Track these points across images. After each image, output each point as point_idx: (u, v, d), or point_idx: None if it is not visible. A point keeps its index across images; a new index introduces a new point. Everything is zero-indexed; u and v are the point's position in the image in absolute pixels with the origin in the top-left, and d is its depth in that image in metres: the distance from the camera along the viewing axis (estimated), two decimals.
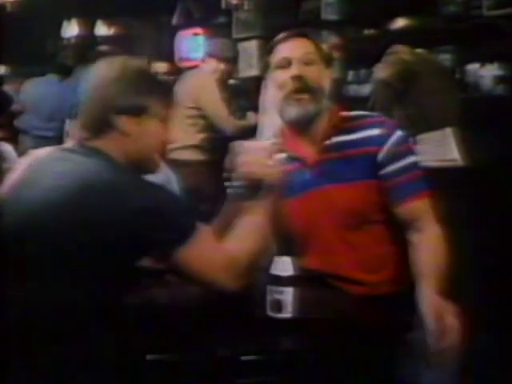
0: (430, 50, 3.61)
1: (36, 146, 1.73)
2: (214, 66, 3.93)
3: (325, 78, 1.71)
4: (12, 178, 1.53)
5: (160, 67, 4.58)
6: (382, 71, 2.85)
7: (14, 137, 4.22)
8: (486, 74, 3.33)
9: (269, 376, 1.24)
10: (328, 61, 1.75)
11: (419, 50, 3.04)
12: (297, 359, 1.24)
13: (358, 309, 1.47)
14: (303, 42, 1.71)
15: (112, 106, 1.38)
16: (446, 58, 3.55)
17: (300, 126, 1.71)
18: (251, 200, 1.48)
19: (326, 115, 1.71)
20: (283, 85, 1.68)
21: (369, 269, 1.65)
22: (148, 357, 1.17)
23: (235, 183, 1.55)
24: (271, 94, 1.74)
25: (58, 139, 3.78)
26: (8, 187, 1.45)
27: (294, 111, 1.68)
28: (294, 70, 1.66)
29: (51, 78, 4.60)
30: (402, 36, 3.99)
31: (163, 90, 1.46)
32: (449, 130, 2.64)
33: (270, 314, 1.38)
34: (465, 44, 3.47)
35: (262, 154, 1.50)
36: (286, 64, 1.68)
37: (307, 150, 1.71)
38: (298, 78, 1.65)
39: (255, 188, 1.49)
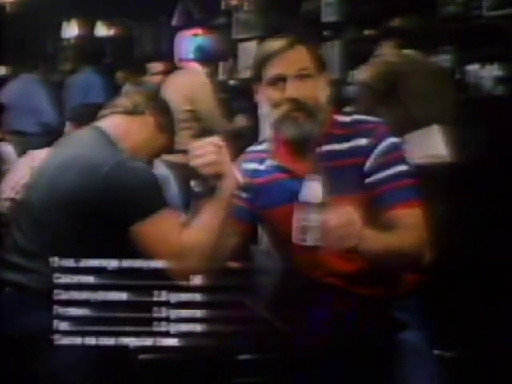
0: (430, 50, 3.60)
1: (28, 145, 1.75)
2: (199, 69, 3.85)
3: (321, 88, 1.62)
4: (11, 177, 1.55)
5: (155, 67, 4.54)
6: (363, 73, 2.81)
7: (14, 138, 4.21)
8: (486, 74, 3.32)
9: (266, 376, 1.23)
10: (324, 65, 1.65)
11: (410, 51, 2.98)
12: (293, 359, 1.23)
13: (354, 311, 1.45)
14: (298, 53, 1.59)
15: None
16: (445, 59, 3.54)
17: (297, 144, 1.64)
18: (208, 199, 1.51)
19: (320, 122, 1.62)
20: (277, 104, 1.59)
21: (362, 280, 1.59)
22: (141, 357, 1.16)
23: (194, 183, 1.56)
24: (264, 109, 1.65)
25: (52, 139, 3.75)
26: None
27: (290, 131, 1.60)
28: (289, 91, 1.56)
29: (26, 77, 4.64)
30: (401, 36, 3.98)
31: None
32: (436, 127, 2.59)
33: (296, 241, 1.35)
34: (465, 45, 3.45)
35: (206, 149, 1.49)
36: (280, 81, 1.58)
37: (297, 160, 1.64)
38: (293, 100, 1.57)
39: (209, 186, 1.51)
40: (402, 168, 1.58)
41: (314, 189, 1.36)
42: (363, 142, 1.59)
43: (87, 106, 3.23)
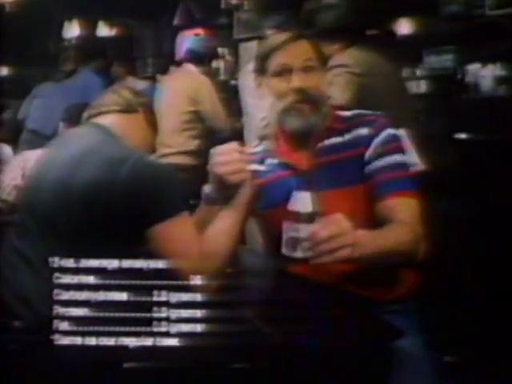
0: (432, 50, 3.60)
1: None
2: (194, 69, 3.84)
3: (325, 82, 1.65)
4: (3, 178, 1.54)
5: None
6: None
7: (13, 138, 4.21)
8: (487, 74, 3.31)
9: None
10: (326, 60, 1.69)
11: (357, 53, 2.60)
12: (285, 367, 1.22)
13: (346, 316, 1.43)
14: (302, 46, 1.62)
15: None
16: (447, 59, 3.54)
17: (301, 136, 1.64)
18: (223, 204, 1.49)
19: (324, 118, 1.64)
20: (283, 95, 1.60)
21: (359, 279, 1.58)
22: (125, 365, 1.14)
23: (208, 187, 1.53)
24: (267, 102, 1.64)
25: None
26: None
27: (295, 122, 1.61)
28: (294, 82, 1.58)
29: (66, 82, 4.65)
30: (403, 36, 3.98)
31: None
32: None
33: (285, 252, 1.35)
34: (467, 44, 3.45)
35: (231, 156, 1.47)
36: (286, 72, 1.59)
37: (299, 156, 1.64)
38: (299, 90, 1.58)
39: (227, 192, 1.49)
40: (400, 158, 1.60)
41: (304, 199, 1.35)
42: (364, 131, 1.61)
43: (82, 107, 3.21)
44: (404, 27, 4.01)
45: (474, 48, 3.40)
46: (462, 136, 2.86)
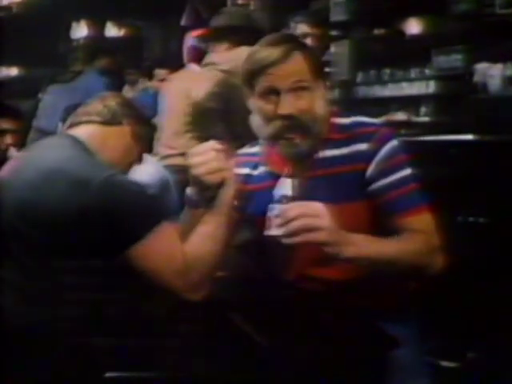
0: (441, 49, 3.57)
1: None
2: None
3: (319, 98, 1.50)
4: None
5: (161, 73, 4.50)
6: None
7: (23, 143, 4.22)
8: (496, 73, 3.27)
9: None
10: (322, 71, 1.55)
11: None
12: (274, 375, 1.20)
13: (343, 327, 1.39)
14: (294, 63, 1.46)
15: None
16: (457, 58, 3.51)
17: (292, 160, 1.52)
18: (206, 206, 1.43)
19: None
20: (271, 119, 1.47)
21: (358, 288, 1.51)
22: (108, 374, 1.11)
23: (190, 190, 1.48)
24: (256, 121, 1.52)
25: None
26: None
27: (284, 150, 1.50)
28: (282, 107, 1.44)
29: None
30: (412, 36, 3.95)
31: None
32: None
33: (266, 232, 1.35)
34: (476, 43, 3.41)
35: (208, 156, 1.41)
36: (273, 94, 1.46)
37: (292, 166, 1.49)
38: (287, 117, 1.45)
39: (208, 193, 1.44)
40: (407, 172, 1.51)
41: (286, 184, 1.35)
42: (363, 146, 1.51)
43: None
44: (413, 27, 3.98)
45: (484, 47, 3.36)
46: (470, 137, 2.82)
